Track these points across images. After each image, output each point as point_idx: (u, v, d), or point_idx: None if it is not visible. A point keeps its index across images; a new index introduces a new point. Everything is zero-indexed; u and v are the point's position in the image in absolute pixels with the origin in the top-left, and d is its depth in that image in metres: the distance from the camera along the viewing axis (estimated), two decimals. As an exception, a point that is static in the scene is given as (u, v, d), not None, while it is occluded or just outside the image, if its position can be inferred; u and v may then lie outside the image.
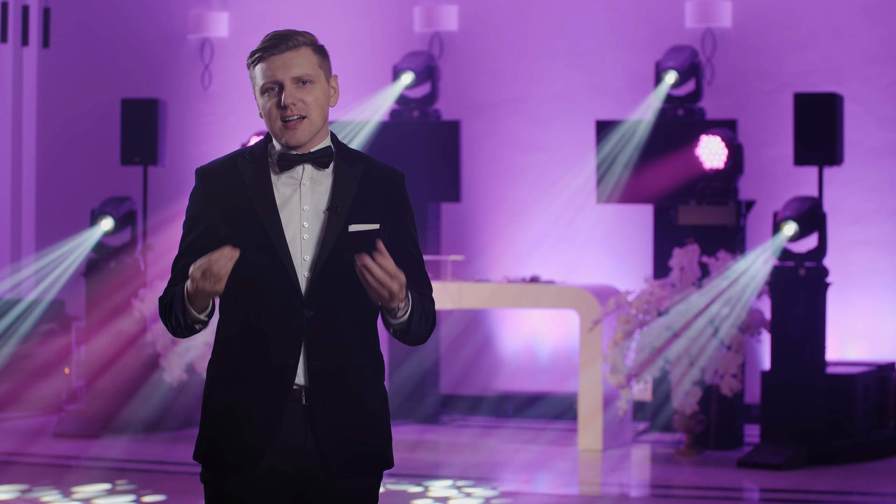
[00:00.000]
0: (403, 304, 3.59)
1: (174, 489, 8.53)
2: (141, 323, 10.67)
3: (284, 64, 3.61)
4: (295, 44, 3.63)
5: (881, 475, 9.30)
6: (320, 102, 3.65)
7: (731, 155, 10.15)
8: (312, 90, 3.64)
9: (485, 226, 11.97)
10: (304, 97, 3.62)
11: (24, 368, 11.37)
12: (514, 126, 11.95)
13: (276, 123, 3.64)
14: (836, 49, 11.28)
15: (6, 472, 9.10)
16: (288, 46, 3.62)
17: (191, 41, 12.74)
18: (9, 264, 12.82)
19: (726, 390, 9.69)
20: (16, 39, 12.81)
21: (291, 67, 3.62)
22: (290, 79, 3.61)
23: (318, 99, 3.65)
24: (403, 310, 3.61)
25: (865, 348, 11.08)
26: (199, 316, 3.60)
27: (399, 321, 3.63)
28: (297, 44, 3.63)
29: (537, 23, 11.92)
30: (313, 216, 3.67)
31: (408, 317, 3.62)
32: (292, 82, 3.62)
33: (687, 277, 9.81)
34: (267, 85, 3.63)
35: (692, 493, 8.76)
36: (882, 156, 11.18)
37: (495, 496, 8.41)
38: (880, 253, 11.16)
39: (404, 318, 3.62)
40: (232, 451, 3.66)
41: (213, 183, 3.72)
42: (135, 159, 11.06)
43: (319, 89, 3.65)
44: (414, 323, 3.65)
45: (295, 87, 3.62)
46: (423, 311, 3.70)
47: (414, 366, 11.33)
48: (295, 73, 3.62)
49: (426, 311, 3.71)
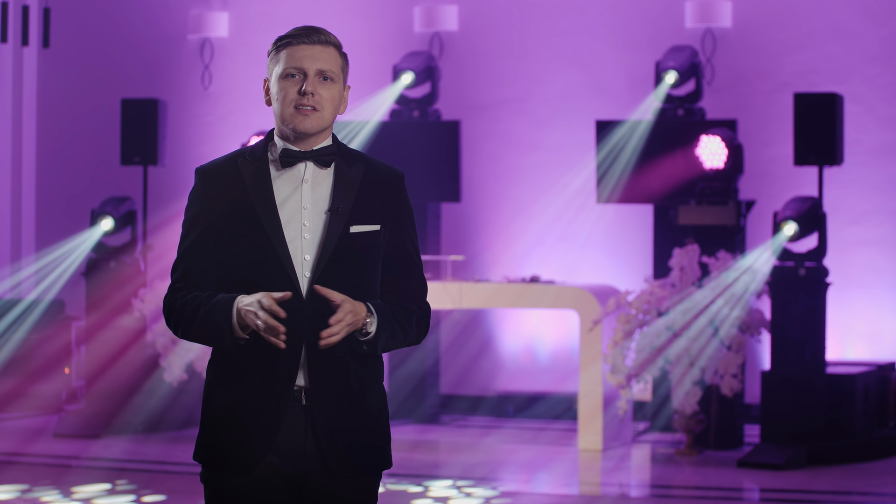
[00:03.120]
0: (370, 321, 3.63)
1: (174, 489, 8.53)
2: (141, 323, 10.67)
3: (313, 55, 3.67)
4: (326, 40, 3.69)
5: (881, 475, 9.30)
6: (335, 102, 3.70)
7: (731, 155, 10.15)
8: (331, 88, 3.68)
9: (485, 226, 11.97)
10: (323, 92, 3.67)
11: (24, 368, 11.37)
12: (514, 126, 11.95)
13: (289, 108, 3.66)
14: (836, 49, 11.28)
15: (6, 472, 9.10)
16: (319, 40, 3.68)
17: (191, 41, 12.74)
18: (9, 264, 12.81)
19: (726, 390, 9.69)
20: (16, 39, 12.80)
21: (318, 60, 3.67)
22: (315, 70, 3.66)
23: (334, 98, 3.69)
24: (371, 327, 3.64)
25: (865, 348, 11.08)
26: (243, 335, 3.61)
27: (366, 338, 3.65)
28: (327, 40, 3.69)
29: (537, 23, 11.92)
30: (314, 216, 3.68)
31: (373, 342, 3.65)
32: (316, 74, 3.66)
33: (687, 277, 9.81)
34: (289, 70, 3.66)
35: (692, 493, 8.76)
36: (882, 156, 11.18)
37: (495, 496, 8.41)
38: (880, 253, 11.16)
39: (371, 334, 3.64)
40: (232, 452, 3.66)
41: (213, 182, 3.72)
42: (135, 159, 11.06)
43: (337, 90, 3.70)
44: (381, 345, 3.67)
45: (317, 79, 3.67)
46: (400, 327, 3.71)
47: (414, 366, 11.33)
48: (321, 66, 3.66)
49: (404, 324, 3.73)
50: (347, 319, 3.57)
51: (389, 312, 3.68)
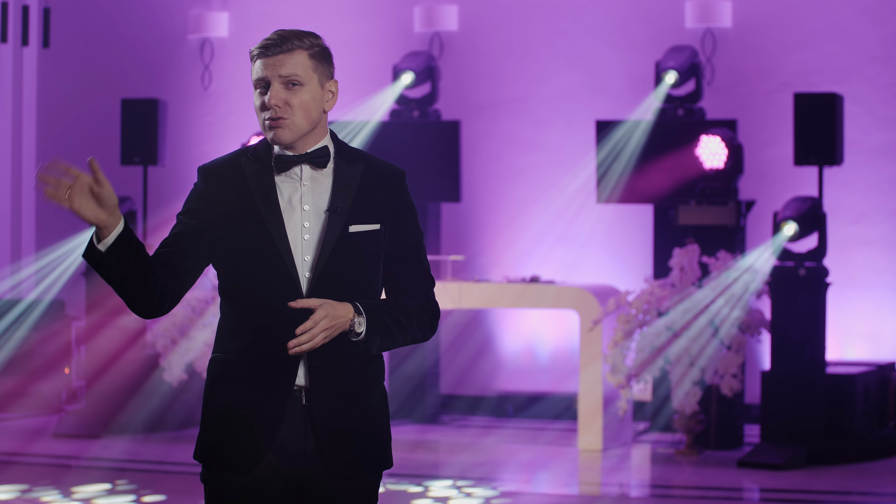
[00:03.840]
0: (358, 321, 3.60)
1: (174, 489, 8.53)
2: (141, 323, 10.67)
3: (275, 63, 3.63)
4: (290, 47, 3.63)
5: (881, 475, 9.30)
6: (306, 106, 3.64)
7: (731, 155, 10.15)
8: (300, 93, 3.63)
9: (485, 226, 11.97)
10: (290, 99, 3.63)
11: (24, 368, 11.37)
12: (514, 126, 11.95)
13: (262, 122, 3.67)
14: (836, 49, 11.28)
15: (6, 472, 9.10)
16: (282, 49, 3.63)
17: (191, 41, 12.74)
18: (9, 264, 12.81)
19: (726, 390, 9.69)
20: (16, 39, 12.80)
21: (282, 66, 3.63)
22: (278, 78, 3.62)
23: (305, 102, 3.63)
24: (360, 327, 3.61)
25: (865, 348, 11.08)
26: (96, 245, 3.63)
27: (358, 339, 3.63)
28: (291, 47, 3.63)
29: (537, 23, 11.92)
30: (314, 216, 3.67)
31: (366, 333, 3.62)
32: (280, 82, 3.63)
33: (687, 277, 9.81)
34: (257, 84, 3.66)
35: (692, 493, 8.76)
36: (882, 156, 11.18)
37: (495, 496, 8.41)
38: (880, 253, 11.16)
39: (362, 334, 3.62)
40: (232, 451, 3.66)
41: (215, 181, 3.72)
42: (135, 159, 11.06)
43: (308, 92, 3.64)
44: (376, 346, 3.65)
45: (282, 87, 3.63)
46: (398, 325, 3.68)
47: (414, 366, 11.33)
48: (283, 72, 3.62)
49: (403, 323, 3.70)
50: (322, 325, 3.55)
51: (383, 312, 3.66)
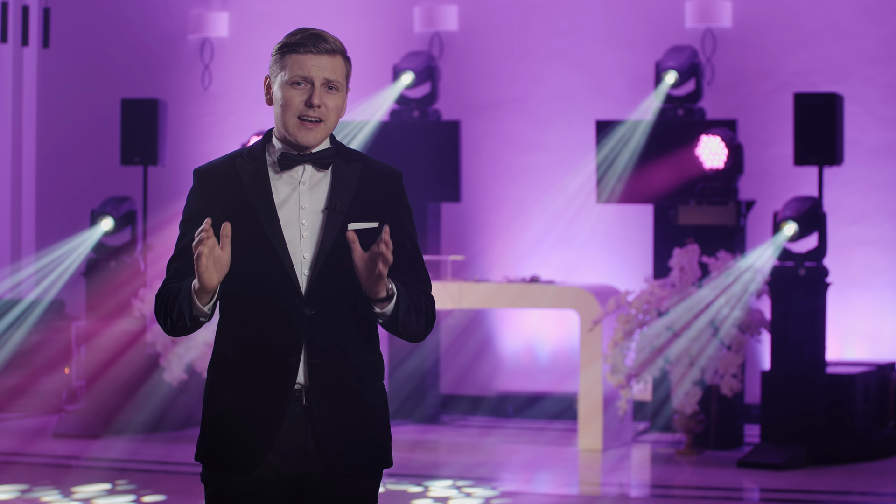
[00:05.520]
0: (389, 289, 3.57)
1: (174, 489, 8.53)
2: (141, 323, 10.67)
3: (320, 64, 3.64)
4: (333, 48, 3.67)
5: (881, 475, 9.30)
6: (339, 110, 3.70)
7: (731, 155, 10.15)
8: (335, 97, 3.68)
9: (485, 226, 11.97)
10: (329, 102, 3.66)
11: (24, 368, 11.37)
12: (514, 126, 11.95)
13: (293, 119, 3.65)
14: (836, 49, 11.28)
15: (6, 472, 9.10)
16: (326, 49, 3.65)
17: (191, 41, 12.74)
18: (9, 264, 12.81)
19: (726, 390, 9.69)
20: (16, 39, 12.80)
21: (325, 69, 3.65)
22: (322, 80, 3.65)
23: (338, 106, 3.69)
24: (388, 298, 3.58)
25: (865, 348, 11.08)
26: (203, 309, 3.58)
27: (384, 311, 3.60)
28: (335, 49, 3.67)
29: (537, 23, 11.92)
30: (312, 215, 3.68)
31: (394, 305, 3.60)
32: (323, 84, 3.65)
33: (687, 277, 9.81)
34: (295, 79, 3.64)
35: (692, 493, 8.76)
36: (882, 156, 11.18)
37: (495, 496, 8.41)
38: (880, 253, 11.16)
39: (390, 307, 3.60)
40: (233, 451, 3.66)
41: (211, 183, 3.72)
42: (135, 159, 11.06)
43: (341, 98, 3.70)
44: (402, 313, 3.62)
45: (324, 89, 3.66)
46: (414, 305, 3.67)
47: (414, 366, 11.33)
48: (328, 76, 3.65)
49: (418, 306, 3.69)
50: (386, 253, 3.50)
51: (409, 290, 3.67)
